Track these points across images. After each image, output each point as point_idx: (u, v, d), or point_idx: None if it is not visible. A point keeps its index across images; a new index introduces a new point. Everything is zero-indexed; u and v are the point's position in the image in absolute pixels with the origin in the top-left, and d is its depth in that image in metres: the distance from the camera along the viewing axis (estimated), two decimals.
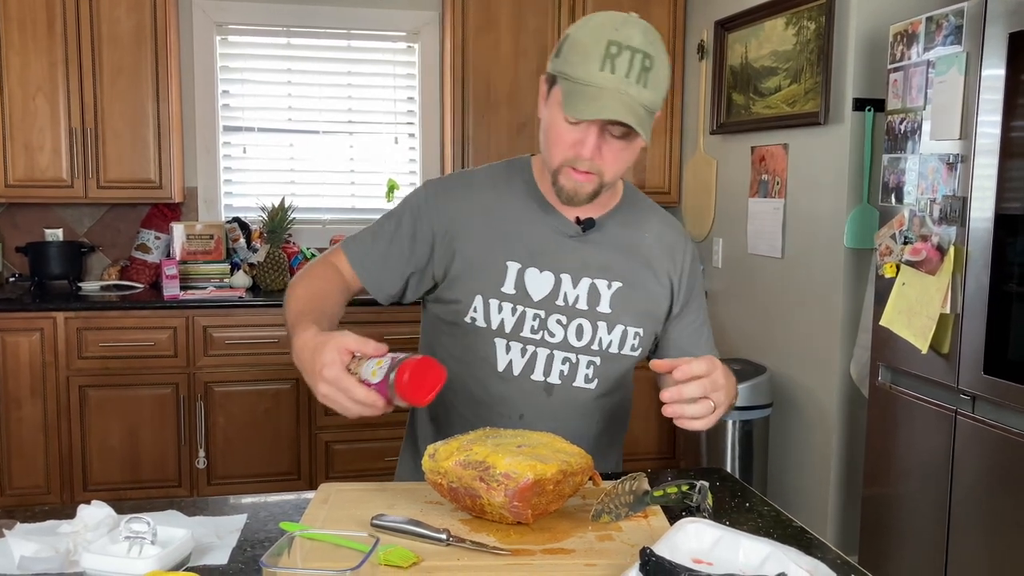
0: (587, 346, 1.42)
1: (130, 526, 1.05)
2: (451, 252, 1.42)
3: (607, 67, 1.23)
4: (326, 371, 1.12)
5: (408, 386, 1.10)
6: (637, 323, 1.44)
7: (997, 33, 2.12)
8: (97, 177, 3.45)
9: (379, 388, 1.11)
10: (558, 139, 1.31)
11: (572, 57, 1.26)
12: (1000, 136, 2.12)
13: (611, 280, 1.43)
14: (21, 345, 3.22)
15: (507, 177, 1.47)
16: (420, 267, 1.44)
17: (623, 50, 1.23)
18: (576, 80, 1.25)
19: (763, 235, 3.32)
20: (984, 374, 2.18)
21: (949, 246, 2.28)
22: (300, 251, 3.78)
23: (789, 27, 3.12)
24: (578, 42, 1.27)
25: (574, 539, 1.12)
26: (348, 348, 1.14)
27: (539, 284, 1.40)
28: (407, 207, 1.47)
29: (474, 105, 3.72)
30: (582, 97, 1.24)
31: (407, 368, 1.10)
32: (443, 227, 1.42)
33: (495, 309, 1.40)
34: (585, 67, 1.24)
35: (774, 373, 3.23)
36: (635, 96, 1.24)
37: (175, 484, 3.37)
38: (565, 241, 1.42)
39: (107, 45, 3.40)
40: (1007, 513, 2.14)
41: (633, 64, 1.23)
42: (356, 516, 1.17)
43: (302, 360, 1.18)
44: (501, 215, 1.43)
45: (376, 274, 1.45)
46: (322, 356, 1.13)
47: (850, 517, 2.97)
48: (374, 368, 1.12)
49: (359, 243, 1.48)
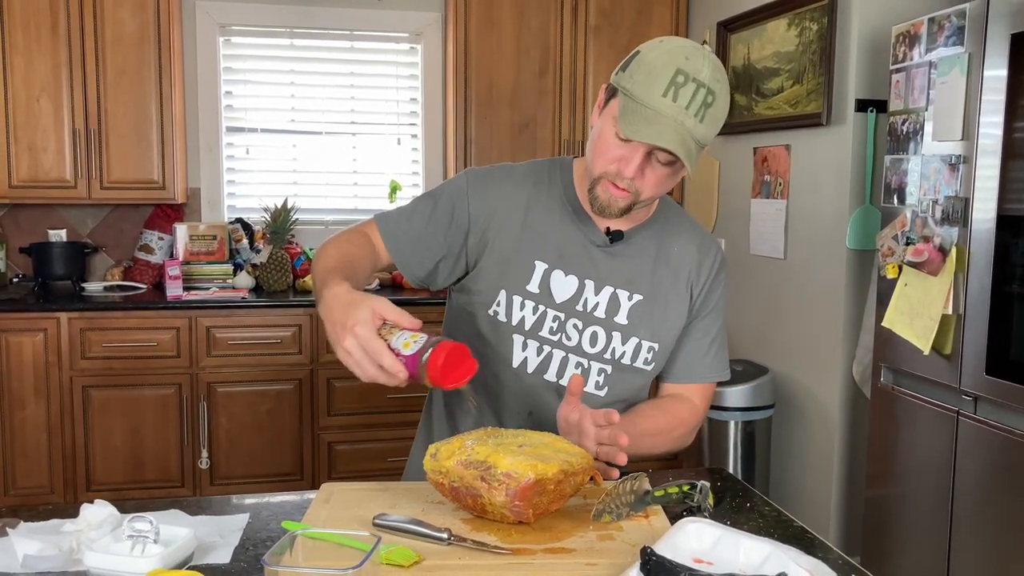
0: (599, 353, 1.43)
1: (133, 525, 1.05)
2: (484, 243, 1.42)
3: (670, 94, 1.23)
4: (359, 328, 1.10)
5: (441, 369, 1.09)
6: (653, 337, 1.45)
7: (999, 34, 2.12)
8: (100, 178, 3.46)
9: (409, 361, 1.10)
10: (604, 151, 1.31)
11: (638, 75, 1.26)
12: (1002, 137, 2.12)
13: (632, 293, 1.43)
14: (25, 345, 3.22)
15: (548, 177, 1.47)
16: (453, 253, 1.43)
17: (689, 81, 1.23)
18: (637, 99, 1.25)
19: (765, 236, 3.33)
20: (986, 375, 2.18)
21: (951, 247, 2.28)
22: (303, 252, 3.79)
23: (791, 28, 3.13)
24: (647, 62, 1.26)
25: (575, 538, 1.12)
26: (382, 314, 1.13)
27: (563, 287, 1.41)
28: (447, 190, 1.45)
29: (476, 106, 3.73)
30: (639, 118, 1.24)
31: (444, 351, 1.09)
32: (481, 216, 1.42)
33: (517, 306, 1.40)
34: (648, 89, 1.24)
35: (776, 374, 3.23)
36: (690, 128, 1.24)
37: (178, 484, 3.38)
38: (593, 250, 1.43)
39: (111, 46, 3.41)
40: (1009, 514, 2.14)
41: (696, 97, 1.23)
42: (358, 516, 1.17)
43: (332, 312, 1.16)
44: (536, 214, 1.43)
45: (408, 252, 1.43)
46: (356, 312, 1.12)
47: (853, 517, 2.97)
48: (407, 340, 1.11)
49: (394, 219, 1.45)
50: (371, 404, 3.49)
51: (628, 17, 3.78)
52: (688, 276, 1.48)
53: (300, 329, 3.43)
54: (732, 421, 3.12)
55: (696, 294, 1.49)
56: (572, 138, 3.81)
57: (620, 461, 1.23)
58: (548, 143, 3.80)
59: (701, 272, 1.49)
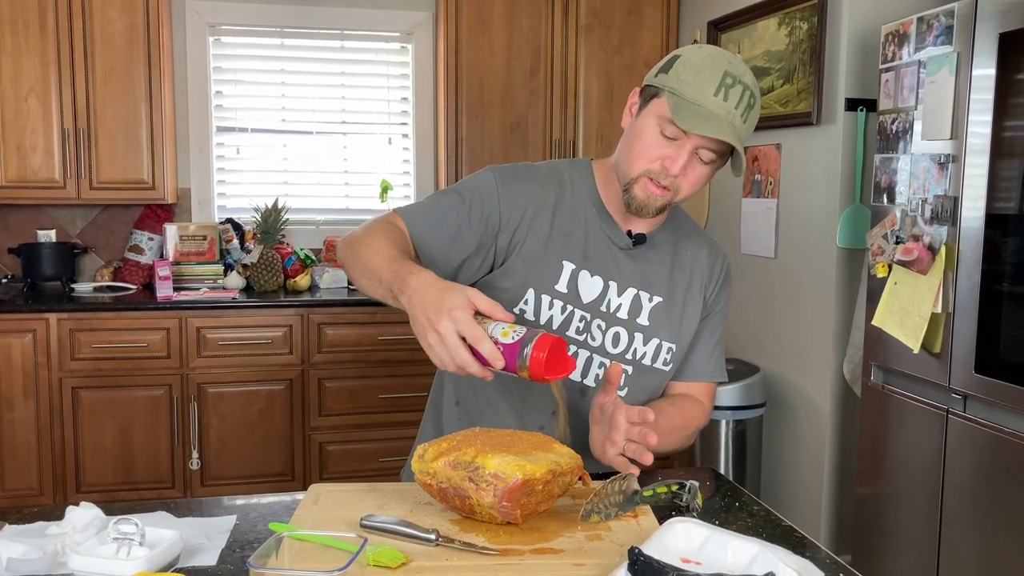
0: (622, 354, 1.44)
1: (118, 527, 1.05)
2: (514, 241, 1.41)
3: (720, 94, 1.28)
4: (457, 312, 1.09)
5: (544, 364, 1.08)
6: (672, 338, 1.47)
7: (987, 33, 2.13)
8: (90, 178, 3.45)
9: (509, 351, 1.09)
10: (646, 150, 1.33)
11: (686, 76, 1.30)
12: (991, 136, 2.13)
13: (652, 294, 1.45)
14: (14, 346, 3.21)
15: (570, 178, 1.47)
16: (483, 250, 1.41)
17: (736, 83, 1.29)
18: (688, 98, 1.29)
19: (756, 235, 3.33)
20: (975, 373, 2.19)
21: (940, 246, 2.28)
22: (294, 252, 3.78)
23: (782, 27, 3.13)
24: (694, 64, 1.31)
25: (563, 539, 1.12)
26: (476, 304, 1.11)
27: (589, 287, 1.42)
28: (472, 189, 1.42)
29: (468, 105, 3.72)
30: (696, 115, 1.28)
31: (547, 343, 1.09)
32: (513, 215, 1.41)
33: (546, 305, 1.40)
34: (699, 88, 1.28)
35: (767, 373, 3.23)
36: (738, 128, 1.30)
37: (168, 486, 3.37)
38: (616, 251, 1.44)
39: (100, 46, 3.40)
40: (999, 511, 2.15)
41: (743, 99, 1.30)
42: (346, 517, 1.16)
43: (426, 296, 1.13)
44: (563, 214, 1.43)
45: (435, 248, 1.39)
46: (454, 298, 1.10)
47: (843, 516, 2.98)
48: (505, 330, 1.10)
49: (421, 214, 1.41)
50: (362, 404, 3.49)
51: (619, 17, 3.78)
52: (701, 279, 1.51)
53: (291, 329, 3.42)
54: (723, 420, 3.13)
55: (707, 296, 1.52)
56: (563, 138, 3.81)
57: (646, 461, 1.23)
58: (539, 143, 3.80)
59: (712, 275, 1.53)
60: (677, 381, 1.54)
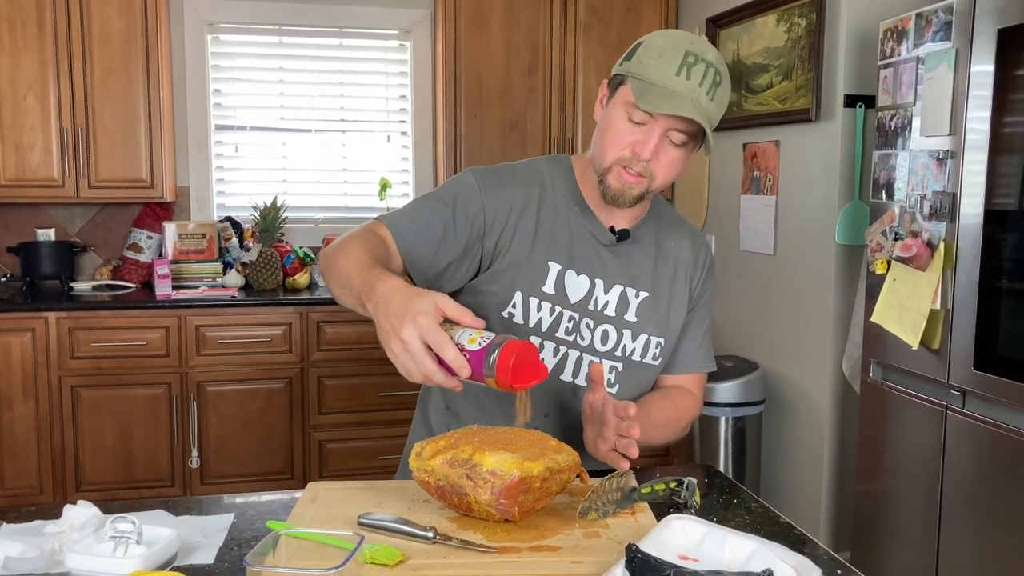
0: (611, 351, 1.44)
1: (115, 526, 1.05)
2: (500, 244, 1.40)
3: (683, 73, 1.28)
4: (421, 318, 1.04)
5: (512, 371, 1.03)
6: (660, 333, 1.47)
7: (986, 29, 2.12)
8: (88, 176, 3.44)
9: (474, 357, 1.04)
10: (616, 138, 1.33)
11: (647, 60, 1.30)
12: (989, 132, 2.13)
13: (639, 290, 1.45)
14: (13, 345, 3.21)
15: (551, 175, 1.46)
16: (468, 255, 1.39)
17: (699, 61, 1.28)
18: (651, 81, 1.29)
19: (755, 232, 3.33)
20: (974, 369, 2.19)
21: (939, 242, 2.28)
22: (293, 250, 3.78)
23: (780, 24, 3.13)
24: (655, 47, 1.31)
25: (561, 536, 1.12)
26: (444, 309, 1.07)
27: (576, 287, 1.42)
28: (454, 192, 1.40)
29: (466, 103, 3.72)
30: (659, 95, 1.27)
31: (514, 349, 1.04)
32: (497, 218, 1.39)
33: (534, 307, 1.40)
34: (661, 70, 1.28)
35: (766, 369, 3.23)
36: (704, 106, 1.29)
37: (168, 484, 3.37)
38: (600, 249, 1.44)
39: (98, 44, 3.39)
40: (998, 507, 2.15)
41: (707, 76, 1.29)
42: (343, 515, 1.16)
43: (390, 303, 1.09)
44: (546, 213, 1.42)
45: (420, 254, 1.37)
46: (419, 303, 1.06)
47: (843, 512, 2.98)
48: (472, 336, 1.06)
49: (404, 221, 1.39)
50: (362, 402, 3.49)
51: (617, 14, 3.78)
52: (686, 270, 1.51)
53: (290, 327, 3.42)
54: (723, 417, 3.13)
55: (693, 287, 1.52)
56: (562, 135, 3.81)
57: (632, 454, 1.23)
58: (538, 140, 3.79)
59: (696, 266, 1.53)
60: (667, 374, 1.54)
